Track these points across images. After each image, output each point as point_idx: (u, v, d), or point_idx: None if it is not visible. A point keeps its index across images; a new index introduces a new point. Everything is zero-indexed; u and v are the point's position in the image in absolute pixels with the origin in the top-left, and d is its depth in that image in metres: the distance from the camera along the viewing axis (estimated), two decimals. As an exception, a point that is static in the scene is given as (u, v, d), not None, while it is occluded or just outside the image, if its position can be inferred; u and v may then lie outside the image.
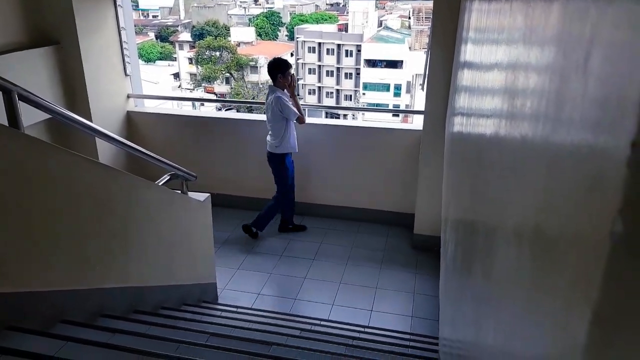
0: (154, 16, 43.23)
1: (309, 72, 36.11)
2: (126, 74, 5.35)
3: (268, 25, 41.36)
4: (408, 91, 32.65)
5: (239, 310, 4.00)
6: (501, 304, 0.86)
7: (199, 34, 37.14)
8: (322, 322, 3.88)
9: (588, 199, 0.42)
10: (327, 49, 35.21)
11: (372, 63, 34.13)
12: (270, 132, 4.76)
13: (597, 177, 0.40)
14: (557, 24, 0.61)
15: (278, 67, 4.60)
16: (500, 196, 0.98)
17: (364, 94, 33.71)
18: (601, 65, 0.43)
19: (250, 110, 18.15)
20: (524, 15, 0.88)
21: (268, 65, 4.68)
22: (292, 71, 4.69)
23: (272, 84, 4.67)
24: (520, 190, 0.76)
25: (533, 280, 0.63)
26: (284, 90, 4.62)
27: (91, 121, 3.83)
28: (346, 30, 36.39)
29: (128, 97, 5.46)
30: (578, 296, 0.41)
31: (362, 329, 3.78)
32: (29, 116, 4.01)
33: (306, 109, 5.10)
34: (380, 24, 39.37)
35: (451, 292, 2.17)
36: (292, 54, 37.63)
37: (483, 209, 1.26)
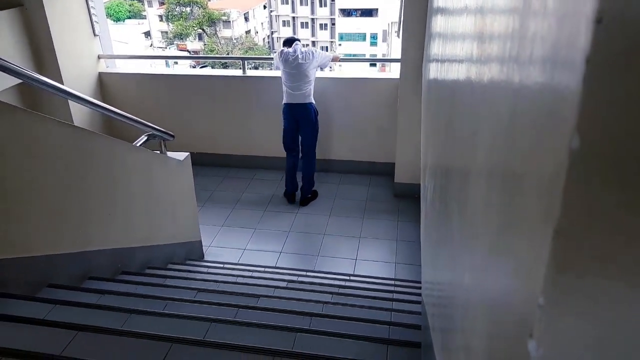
0: (119, -27, 41.63)
1: (283, 25, 35.47)
2: (95, 34, 5.20)
3: (239, -23, 40.15)
4: (384, 40, 32.30)
5: (226, 266, 4.05)
6: (474, 238, 0.89)
7: (167, -10, 35.98)
8: (308, 273, 3.95)
9: (548, 123, 0.43)
10: (301, 0, 34.49)
11: (347, 12, 33.57)
12: (297, 85, 4.62)
13: (556, 101, 0.41)
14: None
15: (298, 40, 4.81)
16: (472, 134, 0.99)
17: (340, 44, 33.28)
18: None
19: (225, 66, 17.82)
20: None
21: (287, 41, 4.81)
22: None
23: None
24: (490, 126, 0.77)
25: (503, 209, 0.65)
26: None
27: (62, 84, 3.73)
28: (319, -21, 35.54)
29: (99, 58, 5.32)
30: (541, 215, 0.43)
31: (347, 278, 3.86)
32: (-3, 82, 3.92)
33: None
34: (353, -29, 38.44)
35: (430, 235, 2.22)
36: (264, 7, 36.83)
37: (458, 151, 1.28)
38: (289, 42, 4.78)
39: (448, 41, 1.89)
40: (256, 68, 19.35)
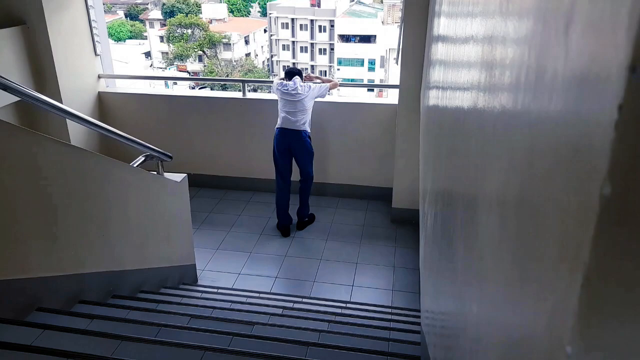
0: (122, -6, 42.08)
1: (283, 49, 35.79)
2: (96, 54, 5.21)
3: (240, 1, 40.77)
4: (382, 66, 32.64)
5: (220, 291, 3.99)
6: (485, 272, 0.86)
7: (169, 12, 36.38)
8: (304, 300, 3.90)
9: (573, 163, 0.41)
10: (301, 25, 34.90)
11: (345, 38, 33.99)
12: (294, 112, 4.56)
13: (583, 142, 0.39)
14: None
15: (299, 73, 4.79)
16: (481, 166, 0.97)
17: (338, 69, 33.59)
18: (583, 30, 0.41)
19: (224, 88, 17.92)
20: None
21: (288, 71, 4.81)
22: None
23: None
24: (503, 159, 0.75)
25: (518, 246, 0.62)
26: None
27: (61, 103, 3.72)
28: (319, 6, 35.99)
29: (99, 77, 5.33)
30: (567, 260, 0.41)
31: (343, 305, 3.81)
32: (-5, 100, 3.91)
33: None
34: (352, -2, 39.10)
35: (432, 263, 2.19)
36: (265, 30, 37.22)
37: (463, 179, 1.26)
38: (289, 74, 4.73)
39: (451, 69, 1.88)
40: (255, 90, 19.45)
